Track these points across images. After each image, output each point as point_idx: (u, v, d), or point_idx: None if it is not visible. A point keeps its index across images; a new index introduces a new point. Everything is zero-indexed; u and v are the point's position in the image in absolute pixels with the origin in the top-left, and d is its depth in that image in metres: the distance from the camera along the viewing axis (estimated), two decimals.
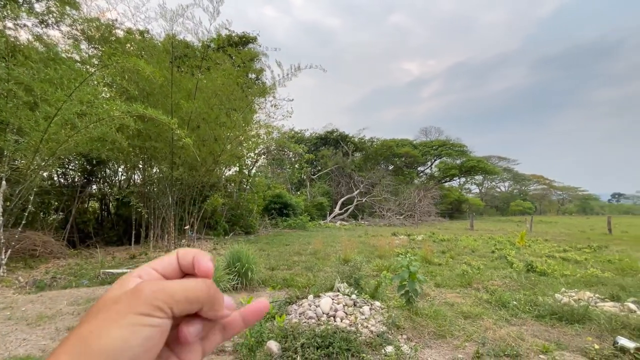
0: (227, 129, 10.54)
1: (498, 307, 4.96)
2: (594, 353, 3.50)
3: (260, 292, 5.77)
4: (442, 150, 38.27)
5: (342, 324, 3.86)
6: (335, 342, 3.33)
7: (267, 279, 6.47)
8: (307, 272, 7.26)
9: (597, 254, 10.04)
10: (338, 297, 4.51)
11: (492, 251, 10.53)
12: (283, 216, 21.06)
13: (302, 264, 8.25)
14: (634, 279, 6.52)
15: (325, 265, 7.94)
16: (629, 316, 4.30)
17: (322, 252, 9.81)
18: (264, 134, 16.63)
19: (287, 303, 4.67)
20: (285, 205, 21.75)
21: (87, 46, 10.74)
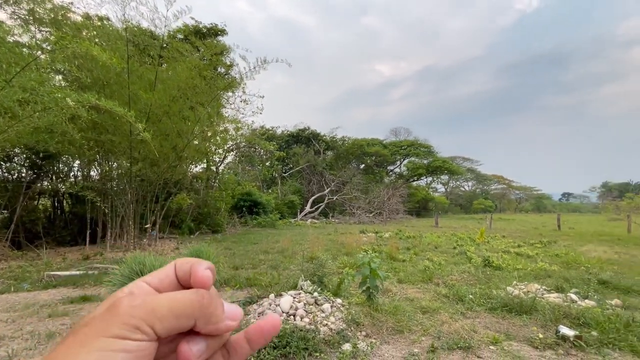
0: (193, 123, 10.13)
1: (455, 301, 5.15)
2: (538, 342, 3.71)
3: (220, 293, 5.58)
4: (410, 150, 39.41)
5: (301, 322, 3.81)
6: (292, 341, 3.28)
7: (230, 279, 6.29)
8: (272, 270, 7.15)
9: (546, 249, 10.77)
10: (300, 295, 4.46)
11: (453, 247, 10.96)
12: (253, 214, 20.70)
13: (268, 262, 8.12)
14: (577, 272, 7.05)
15: (292, 264, 7.87)
16: (570, 306, 4.61)
17: (289, 251, 9.73)
18: (232, 130, 16.22)
19: (248, 303, 4.55)
20: (256, 203, 21.39)
21: (36, 30, 9.86)
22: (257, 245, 11.27)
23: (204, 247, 5.94)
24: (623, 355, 3.45)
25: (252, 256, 8.99)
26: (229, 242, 12.01)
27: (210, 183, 17.41)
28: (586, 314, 4.24)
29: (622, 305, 4.90)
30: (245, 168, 26.10)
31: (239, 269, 7.45)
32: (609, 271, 7.13)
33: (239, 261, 8.22)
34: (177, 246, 10.88)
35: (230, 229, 16.99)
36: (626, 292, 5.66)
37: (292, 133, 35.77)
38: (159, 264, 4.62)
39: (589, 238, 14.48)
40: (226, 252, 9.47)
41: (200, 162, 16.30)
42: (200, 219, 15.57)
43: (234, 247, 10.84)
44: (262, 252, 9.71)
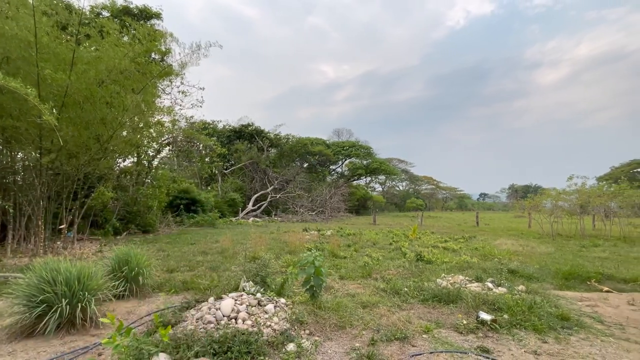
0: (121, 112, 9.10)
1: (392, 294, 5.47)
2: (462, 328, 4.13)
3: (153, 299, 5.13)
4: (351, 151, 40.86)
5: (243, 325, 3.68)
6: (234, 346, 3.15)
7: (164, 283, 5.82)
8: (212, 272, 6.80)
9: (468, 243, 12.08)
10: (242, 297, 4.30)
11: (390, 243, 11.66)
12: (190, 213, 19.47)
13: (207, 263, 7.70)
14: (492, 263, 8.03)
15: (233, 264, 7.58)
16: (487, 294, 5.23)
17: (230, 251, 9.36)
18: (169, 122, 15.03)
19: (184, 308, 4.25)
20: (193, 201, 20.16)
21: None
22: (195, 245, 10.62)
23: (133, 249, 5.39)
24: (527, 334, 4.01)
25: (189, 257, 8.44)
26: (162, 243, 11.11)
27: (142, 179, 15.89)
28: (499, 300, 4.84)
29: (526, 290, 5.71)
30: (183, 164, 24.41)
31: (174, 271, 6.93)
32: (516, 261, 8.27)
33: (174, 263, 7.65)
34: (100, 249, 9.71)
35: (164, 228, 15.74)
36: (529, 278, 6.61)
37: (234, 128, 34.46)
38: (77, 270, 4.05)
39: (500, 233, 16.63)
40: (159, 254, 8.75)
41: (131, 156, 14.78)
42: (129, 218, 14.13)
43: (168, 248, 10.06)
44: (200, 253, 9.18)
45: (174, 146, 21.42)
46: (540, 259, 8.88)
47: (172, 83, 15.00)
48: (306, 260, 4.50)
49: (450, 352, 3.50)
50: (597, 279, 6.61)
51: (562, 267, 7.52)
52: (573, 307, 5.06)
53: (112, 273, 4.99)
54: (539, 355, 3.50)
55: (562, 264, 7.92)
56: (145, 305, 4.85)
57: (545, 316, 4.40)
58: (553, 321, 4.30)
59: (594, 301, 5.40)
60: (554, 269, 7.42)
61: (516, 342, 3.79)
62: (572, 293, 5.91)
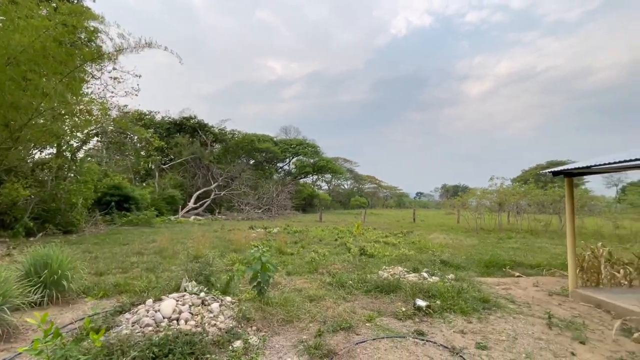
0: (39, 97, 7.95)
1: (338, 287, 5.66)
2: (401, 314, 4.46)
3: (79, 305, 4.61)
4: (299, 149, 41.04)
5: (186, 326, 3.52)
6: (176, 347, 2.99)
7: (92, 287, 5.26)
8: (149, 273, 6.33)
9: (406, 238, 12.99)
10: (184, 297, 4.10)
11: (335, 239, 12.01)
12: (123, 211, 17.77)
13: (143, 264, 7.14)
14: (427, 255, 8.75)
15: (173, 264, 7.15)
16: (423, 283, 5.71)
17: (169, 250, 8.79)
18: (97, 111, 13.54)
19: (118, 312, 3.90)
20: (126, 198, 18.46)
21: None
22: (128, 246, 9.75)
23: (54, 250, 4.77)
24: (456, 316, 4.48)
25: (121, 259, 7.73)
26: (89, 244, 9.99)
27: (63, 173, 14.05)
28: (433, 288, 5.32)
29: (455, 278, 6.35)
30: (114, 157, 22.14)
31: (103, 274, 6.30)
32: (447, 253, 9.13)
33: (104, 266, 6.95)
34: (9, 252, 8.39)
35: (91, 228, 14.15)
36: (457, 268, 7.36)
37: (175, 121, 32.27)
38: None
39: (434, 228, 18.17)
40: (85, 256, 7.86)
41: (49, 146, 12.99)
42: (46, 217, 12.42)
43: (96, 249, 9.08)
44: (135, 253, 8.47)
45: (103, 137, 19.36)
46: (467, 250, 9.93)
47: (103, 68, 13.50)
48: (253, 256, 4.44)
49: (390, 337, 3.77)
50: (511, 266, 7.62)
51: (483, 257, 8.51)
52: (492, 290, 5.77)
53: (27, 278, 4.37)
54: (465, 333, 3.94)
55: (483, 255, 8.95)
56: (70, 313, 4.34)
57: (470, 300, 4.96)
58: (476, 304, 4.86)
59: (508, 285, 6.22)
60: (477, 259, 8.35)
61: (447, 324, 4.21)
62: (492, 279, 6.73)
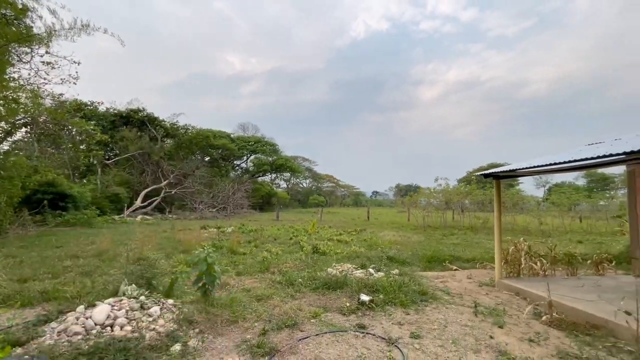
0: None
1: (287, 286, 5.73)
2: (346, 309, 4.65)
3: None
4: (257, 146, 40.38)
5: (122, 332, 3.35)
6: (108, 355, 2.85)
7: (13, 295, 4.76)
8: (84, 278, 5.88)
9: (359, 236, 13.44)
10: (121, 302, 3.89)
11: (290, 238, 12.07)
12: (58, 210, 16.14)
13: (78, 269, 6.61)
14: (376, 251, 9.16)
15: (113, 268, 6.70)
16: (369, 278, 5.99)
17: (110, 253, 8.21)
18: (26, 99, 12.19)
19: (42, 322, 3.59)
20: (62, 196, 16.80)
21: None
22: (62, 249, 8.93)
23: None
24: (396, 309, 4.78)
25: (52, 263, 7.07)
26: (13, 247, 8.97)
27: None
28: (378, 283, 5.61)
29: (399, 273, 6.74)
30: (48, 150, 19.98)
31: (28, 281, 5.72)
32: (394, 249, 9.64)
33: (31, 271, 6.30)
34: None
35: (17, 229, 12.68)
36: (402, 263, 7.81)
37: (121, 113, 29.98)
38: None
39: (386, 226, 19.01)
40: (8, 262, 7.06)
41: None
42: None
43: (22, 253, 8.19)
44: (70, 257, 7.79)
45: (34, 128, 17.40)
46: (413, 246, 10.56)
47: (34, 51, 12.14)
48: (198, 257, 4.34)
49: (332, 332, 3.92)
50: (450, 260, 8.27)
51: (427, 252, 9.11)
52: (431, 284, 6.23)
53: None
54: (402, 325, 4.23)
55: (427, 250, 9.58)
56: None
57: (410, 293, 5.31)
58: (415, 296, 5.22)
59: (445, 278, 6.76)
60: (421, 255, 8.93)
61: (387, 317, 4.48)
62: (432, 273, 7.26)
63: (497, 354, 3.45)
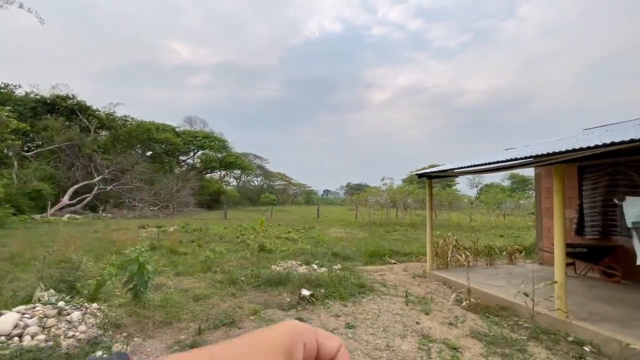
0: None
1: (229, 284, 5.64)
2: (286, 305, 4.73)
3: None
4: (205, 142, 38.63)
5: (33, 342, 3.04)
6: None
7: None
8: None
9: (307, 233, 13.63)
10: (34, 309, 3.52)
11: (237, 237, 11.80)
12: None
13: None
14: (322, 248, 9.39)
15: (28, 272, 5.97)
16: (312, 274, 6.13)
17: (26, 256, 7.31)
18: None
19: None
20: None
21: None
22: None
23: None
24: (335, 302, 4.98)
25: None
26: None
27: None
28: (320, 278, 5.78)
29: (341, 268, 7.00)
30: None
31: None
32: (339, 245, 9.96)
33: None
34: None
35: None
36: (345, 258, 8.12)
37: (44, 99, 26.59)
38: None
39: (334, 223, 19.50)
40: None
41: None
42: None
43: None
44: None
45: None
46: (358, 242, 11.01)
47: None
48: (129, 257, 4.09)
49: None
50: (389, 254, 8.79)
51: (369, 247, 9.58)
52: (370, 277, 6.57)
53: None
54: (339, 316, 4.43)
55: (370, 246, 10.06)
56: None
57: (349, 286, 5.56)
58: (354, 289, 5.48)
59: (384, 271, 7.18)
60: (364, 250, 9.35)
61: (325, 309, 4.65)
62: (372, 267, 7.65)
63: (420, 337, 3.79)
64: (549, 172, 6.97)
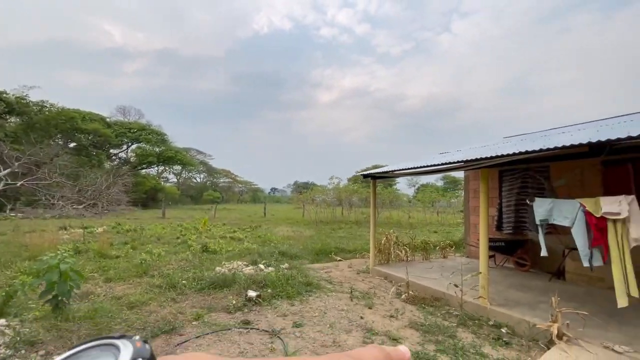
0: None
1: (168, 289, 5.29)
2: (232, 307, 4.59)
3: None
4: (141, 134, 35.52)
5: None
6: None
7: None
8: None
9: (253, 232, 13.36)
10: None
11: (177, 237, 11.11)
12: None
13: None
14: (269, 247, 9.29)
15: None
16: (259, 274, 6.04)
17: None
18: None
19: None
20: None
21: None
22: None
23: None
24: (282, 301, 4.97)
25: None
26: None
27: None
28: (267, 278, 5.72)
29: (289, 267, 7.01)
30: None
31: None
32: (287, 244, 9.96)
33: None
34: None
35: None
36: (293, 257, 8.14)
37: None
38: None
39: (282, 222, 19.42)
40: None
41: None
42: None
43: None
44: None
45: None
46: (305, 241, 11.11)
47: None
48: (48, 264, 3.60)
49: (215, 332, 3.83)
50: (335, 252, 9.04)
51: (316, 245, 9.73)
52: (317, 274, 6.69)
53: None
54: (286, 316, 4.44)
55: (317, 244, 10.23)
56: None
57: (297, 285, 5.59)
58: (301, 288, 5.53)
59: (330, 268, 7.36)
60: (311, 248, 9.48)
61: (272, 310, 4.62)
62: (319, 264, 7.80)
63: (365, 331, 3.98)
64: (476, 174, 7.80)
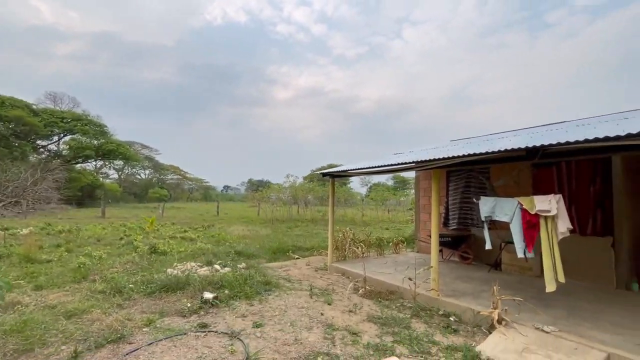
0: None
1: (113, 294, 4.86)
2: (186, 310, 4.36)
3: None
4: (76, 125, 32.00)
5: None
6: None
7: None
8: None
9: (206, 231, 12.81)
10: None
11: (121, 238, 10.25)
12: None
13: None
14: (224, 247, 8.98)
15: None
16: (214, 275, 5.81)
17: None
18: None
19: None
20: None
21: None
22: None
23: None
24: (241, 302, 4.84)
25: None
26: None
27: None
28: (223, 279, 5.52)
29: (246, 266, 6.84)
30: None
31: None
32: (243, 243, 9.71)
33: None
34: None
35: None
36: (250, 257, 7.97)
37: None
38: None
39: (236, 220, 18.88)
40: None
41: None
42: None
43: None
44: None
45: None
46: (261, 240, 10.94)
47: None
48: None
49: (169, 337, 3.60)
50: (293, 250, 9.03)
51: (273, 244, 9.63)
52: (275, 273, 6.63)
53: None
54: (246, 316, 4.33)
55: (273, 242, 10.13)
56: None
57: (255, 285, 5.48)
58: (260, 287, 5.44)
59: (288, 267, 7.34)
60: (268, 247, 9.36)
61: (231, 311, 4.48)
62: (277, 263, 7.73)
63: (325, 327, 4.04)
64: (426, 174, 8.32)
